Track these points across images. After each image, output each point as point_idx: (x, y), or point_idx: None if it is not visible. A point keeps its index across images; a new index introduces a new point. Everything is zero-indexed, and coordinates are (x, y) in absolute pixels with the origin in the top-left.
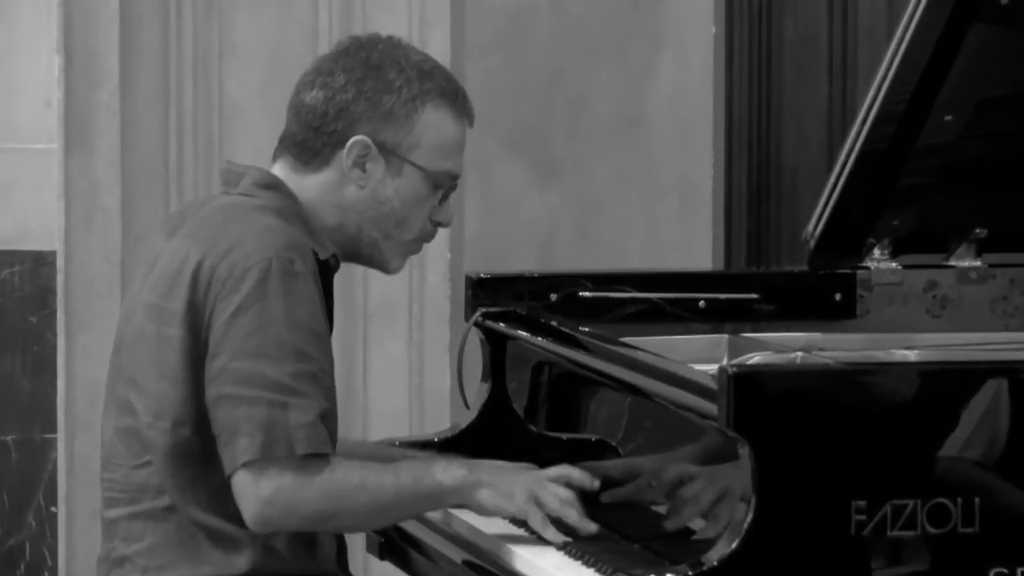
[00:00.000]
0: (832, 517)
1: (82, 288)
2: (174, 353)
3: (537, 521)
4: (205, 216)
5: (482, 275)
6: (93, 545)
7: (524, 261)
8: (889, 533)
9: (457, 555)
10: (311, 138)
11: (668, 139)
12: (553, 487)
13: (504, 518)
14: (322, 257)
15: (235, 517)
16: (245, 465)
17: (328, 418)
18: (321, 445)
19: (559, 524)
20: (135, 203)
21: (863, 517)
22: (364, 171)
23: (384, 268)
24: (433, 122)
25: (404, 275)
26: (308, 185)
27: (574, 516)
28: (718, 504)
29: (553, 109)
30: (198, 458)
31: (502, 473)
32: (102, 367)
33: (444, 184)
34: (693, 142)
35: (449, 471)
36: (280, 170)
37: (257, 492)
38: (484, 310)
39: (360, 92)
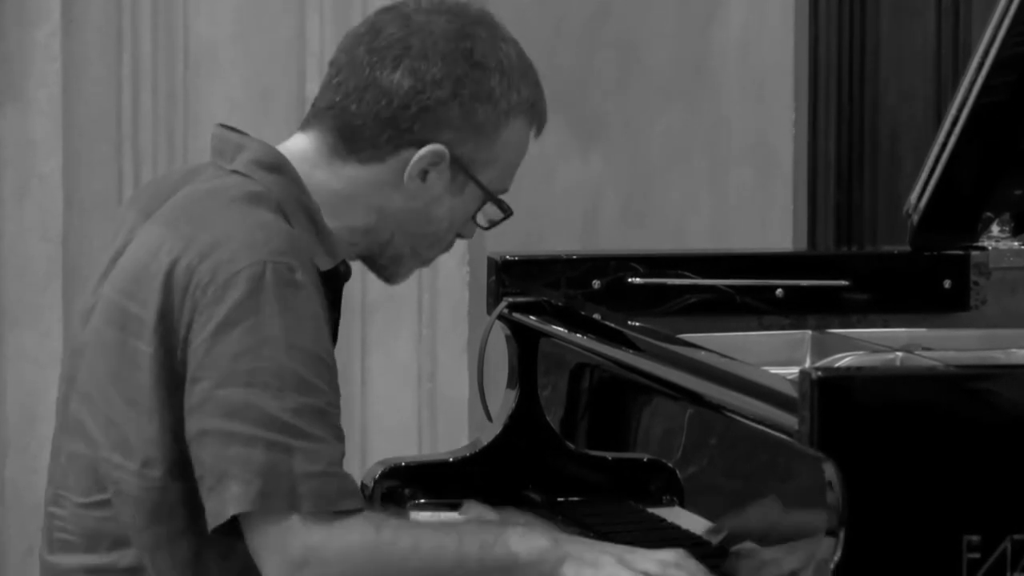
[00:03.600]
0: (938, 556)
1: (15, 274)
2: (144, 374)
3: None
4: (186, 200)
5: (508, 257)
6: None
7: (561, 240)
8: (1009, 575)
9: None
10: (374, 127)
11: (738, 93)
12: (650, 552)
13: None
14: (323, 268)
15: None
16: (264, 518)
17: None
18: (340, 499)
19: None
20: (80, 169)
21: (977, 555)
22: (424, 181)
23: (390, 279)
24: (514, 139)
25: None
26: (345, 174)
27: None
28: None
29: (597, 57)
30: (177, 508)
31: (592, 546)
32: (41, 372)
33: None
34: (769, 97)
35: (527, 540)
36: (308, 143)
37: (285, 554)
38: (511, 300)
39: (455, 95)
